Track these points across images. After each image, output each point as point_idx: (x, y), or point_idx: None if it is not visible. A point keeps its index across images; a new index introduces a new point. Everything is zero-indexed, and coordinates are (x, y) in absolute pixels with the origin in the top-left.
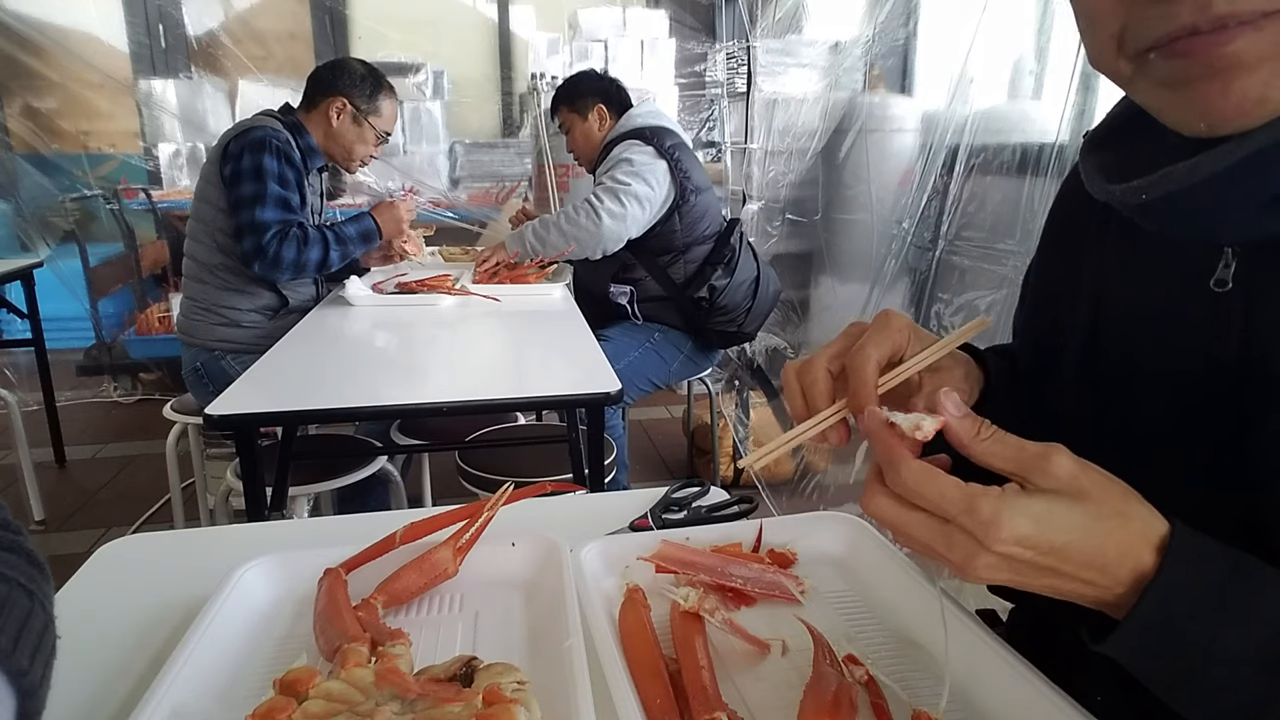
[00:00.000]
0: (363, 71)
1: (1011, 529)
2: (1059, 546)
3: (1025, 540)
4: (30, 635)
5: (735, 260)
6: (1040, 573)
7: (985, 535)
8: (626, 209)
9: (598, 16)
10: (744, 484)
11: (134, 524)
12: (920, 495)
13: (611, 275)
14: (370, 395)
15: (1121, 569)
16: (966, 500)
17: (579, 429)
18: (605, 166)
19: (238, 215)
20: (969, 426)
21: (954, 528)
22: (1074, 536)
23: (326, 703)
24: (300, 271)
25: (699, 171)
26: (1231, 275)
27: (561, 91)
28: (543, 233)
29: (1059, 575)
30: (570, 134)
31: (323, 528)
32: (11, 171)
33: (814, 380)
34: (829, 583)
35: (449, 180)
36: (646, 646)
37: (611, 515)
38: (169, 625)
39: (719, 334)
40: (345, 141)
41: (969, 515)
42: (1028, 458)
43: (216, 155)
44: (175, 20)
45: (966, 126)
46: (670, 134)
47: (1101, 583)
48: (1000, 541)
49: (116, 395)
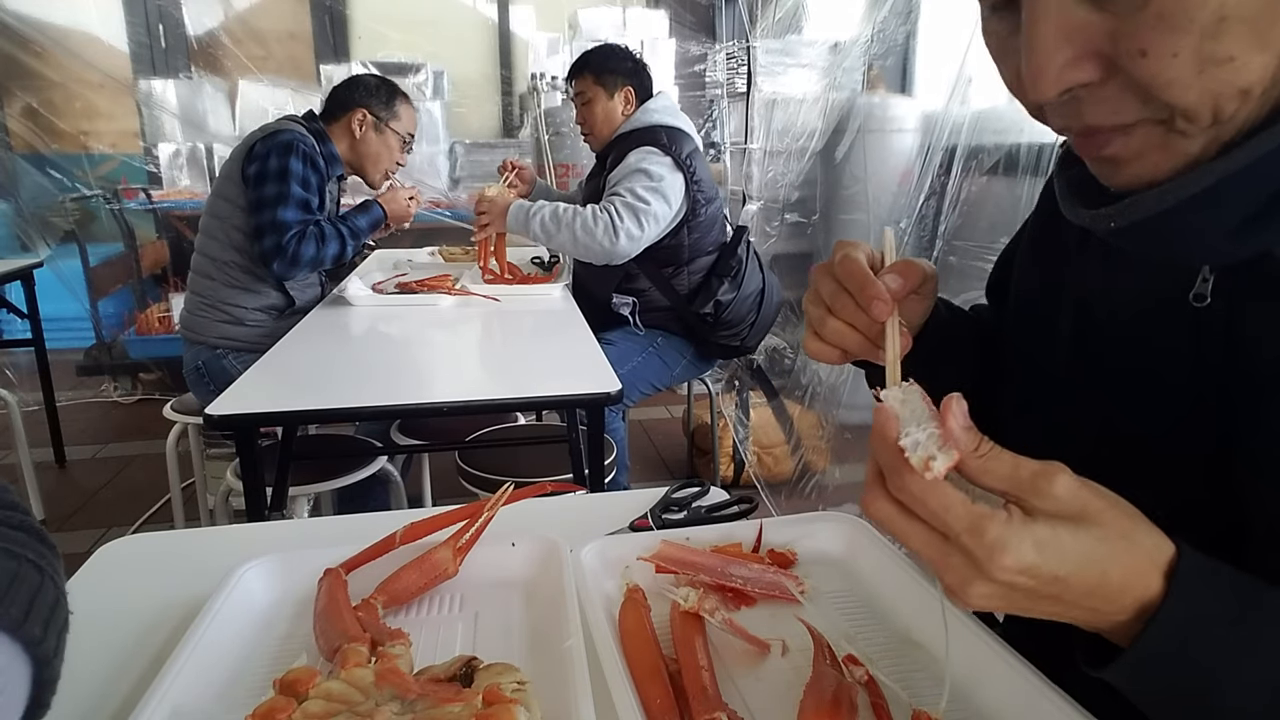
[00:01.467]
0: (376, 82)
1: (1016, 557)
2: (1062, 576)
3: (1029, 570)
4: (41, 607)
5: (742, 273)
6: (1039, 601)
7: (987, 561)
8: (644, 232)
9: (598, 16)
10: (744, 484)
11: (134, 524)
12: (923, 506)
13: (614, 285)
14: (370, 395)
15: (1125, 596)
16: (971, 520)
17: (579, 429)
18: (620, 172)
19: (259, 214)
20: (970, 440)
21: (953, 547)
22: (1078, 566)
23: (326, 703)
24: (318, 266)
25: (710, 181)
26: (1210, 290)
27: (593, 59)
28: (552, 228)
29: (1060, 604)
30: (589, 106)
31: (323, 528)
32: (11, 171)
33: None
34: (829, 583)
35: (449, 180)
36: (646, 646)
37: (611, 515)
38: (169, 625)
39: (721, 347)
40: (372, 150)
41: (972, 536)
42: (1025, 477)
43: (241, 154)
44: (175, 20)
45: (965, 127)
46: (687, 139)
47: (1105, 610)
48: (1002, 570)
49: (116, 395)
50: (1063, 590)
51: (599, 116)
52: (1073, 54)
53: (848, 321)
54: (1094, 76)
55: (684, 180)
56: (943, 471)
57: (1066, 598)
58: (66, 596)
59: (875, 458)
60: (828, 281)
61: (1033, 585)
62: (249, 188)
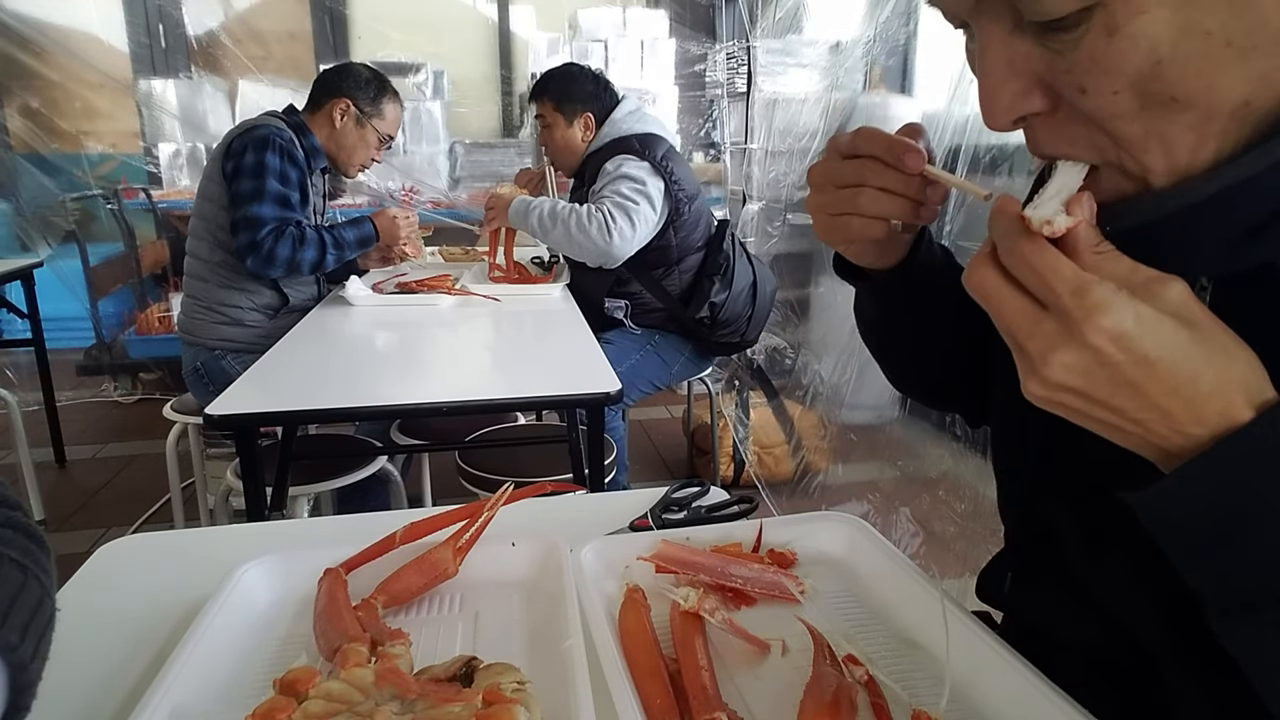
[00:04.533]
0: (368, 75)
1: (1116, 319)
2: (1153, 359)
3: (1123, 338)
4: (21, 611)
5: (730, 269)
6: (1118, 389)
7: (1085, 319)
8: (636, 232)
9: (598, 16)
10: (744, 484)
11: (134, 524)
12: (1030, 268)
13: (607, 289)
14: (370, 395)
15: (1209, 407)
16: (1079, 281)
17: (579, 429)
18: (602, 181)
19: (235, 210)
20: (1091, 236)
21: (1048, 315)
22: (1173, 354)
23: (326, 703)
24: (294, 270)
25: (690, 178)
26: (1208, 299)
27: (552, 85)
28: (549, 224)
29: (1138, 397)
30: (549, 132)
31: (323, 528)
32: (11, 171)
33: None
34: (829, 583)
35: (449, 180)
36: (646, 647)
37: (611, 515)
38: (169, 625)
39: (721, 345)
40: (347, 143)
41: (1075, 296)
42: (1140, 280)
43: (220, 152)
44: (175, 20)
45: (967, 127)
46: (659, 141)
47: (1181, 416)
48: (1098, 330)
49: (116, 395)
50: (1148, 378)
51: (559, 143)
52: (1020, 85)
53: (882, 188)
54: (1043, 107)
55: (663, 183)
56: (1062, 229)
57: (1148, 389)
58: (53, 595)
59: (991, 232)
60: (848, 164)
61: (1121, 361)
62: (228, 184)
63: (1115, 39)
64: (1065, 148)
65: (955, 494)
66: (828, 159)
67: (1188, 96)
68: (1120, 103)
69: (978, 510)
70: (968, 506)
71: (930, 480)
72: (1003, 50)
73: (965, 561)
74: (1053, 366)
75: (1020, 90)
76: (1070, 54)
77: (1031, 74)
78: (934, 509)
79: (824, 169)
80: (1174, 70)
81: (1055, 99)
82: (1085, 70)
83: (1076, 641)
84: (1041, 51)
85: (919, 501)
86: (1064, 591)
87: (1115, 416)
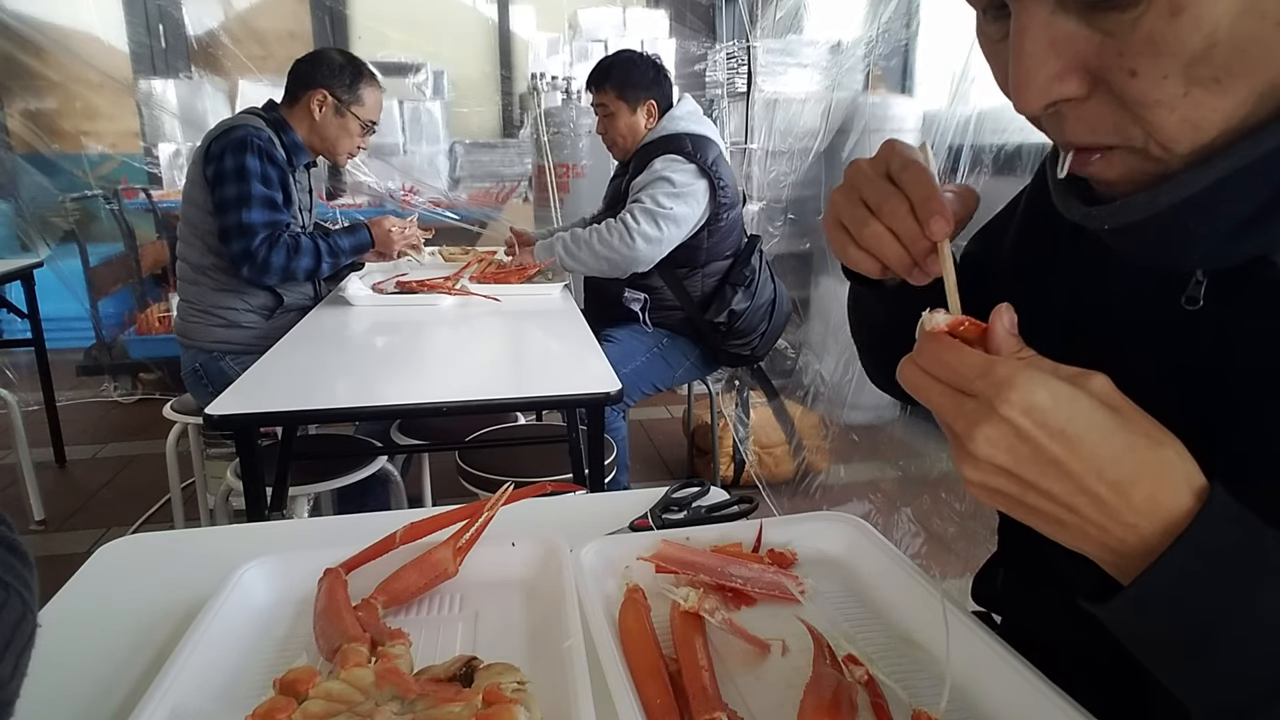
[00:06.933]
0: (341, 61)
1: (1025, 393)
2: (1071, 435)
3: (1035, 411)
4: (1, 629)
5: (756, 282)
6: (1044, 469)
7: (996, 394)
8: (663, 233)
9: (598, 16)
10: (744, 484)
11: (134, 524)
12: (942, 363)
13: (626, 279)
14: (370, 395)
15: (1137, 491)
16: (985, 364)
17: (579, 429)
18: (644, 180)
19: (223, 217)
20: (1012, 343)
21: (967, 397)
22: (1091, 433)
23: (326, 703)
24: (289, 278)
25: (734, 187)
26: (1203, 293)
27: (613, 73)
28: (574, 249)
29: (1064, 477)
30: (612, 119)
31: (323, 528)
32: (11, 171)
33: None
34: (829, 583)
35: (449, 180)
36: (646, 647)
37: (611, 515)
38: (169, 625)
39: (730, 355)
40: (329, 134)
41: (984, 378)
42: (1064, 374)
43: (199, 156)
44: (175, 20)
45: (968, 127)
46: (712, 145)
47: (1111, 501)
48: (1009, 404)
49: (116, 395)
50: (1070, 456)
51: (622, 130)
52: (1059, 67)
53: (891, 228)
54: (1078, 92)
55: (709, 185)
56: (943, 325)
57: (1071, 467)
58: (35, 610)
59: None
60: (879, 183)
61: (1038, 436)
62: (211, 190)
63: (1179, 19)
64: (1089, 136)
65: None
66: (874, 163)
67: (1231, 79)
68: (1167, 87)
69: (978, 510)
70: (968, 507)
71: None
72: (1045, 30)
73: (965, 561)
74: (977, 441)
75: (1058, 73)
76: (1125, 35)
77: (1074, 56)
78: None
79: (862, 171)
80: (1225, 52)
81: (1092, 84)
82: (1139, 52)
83: (1063, 640)
84: (1089, 33)
85: (920, 502)
86: (1051, 590)
87: (1048, 503)
